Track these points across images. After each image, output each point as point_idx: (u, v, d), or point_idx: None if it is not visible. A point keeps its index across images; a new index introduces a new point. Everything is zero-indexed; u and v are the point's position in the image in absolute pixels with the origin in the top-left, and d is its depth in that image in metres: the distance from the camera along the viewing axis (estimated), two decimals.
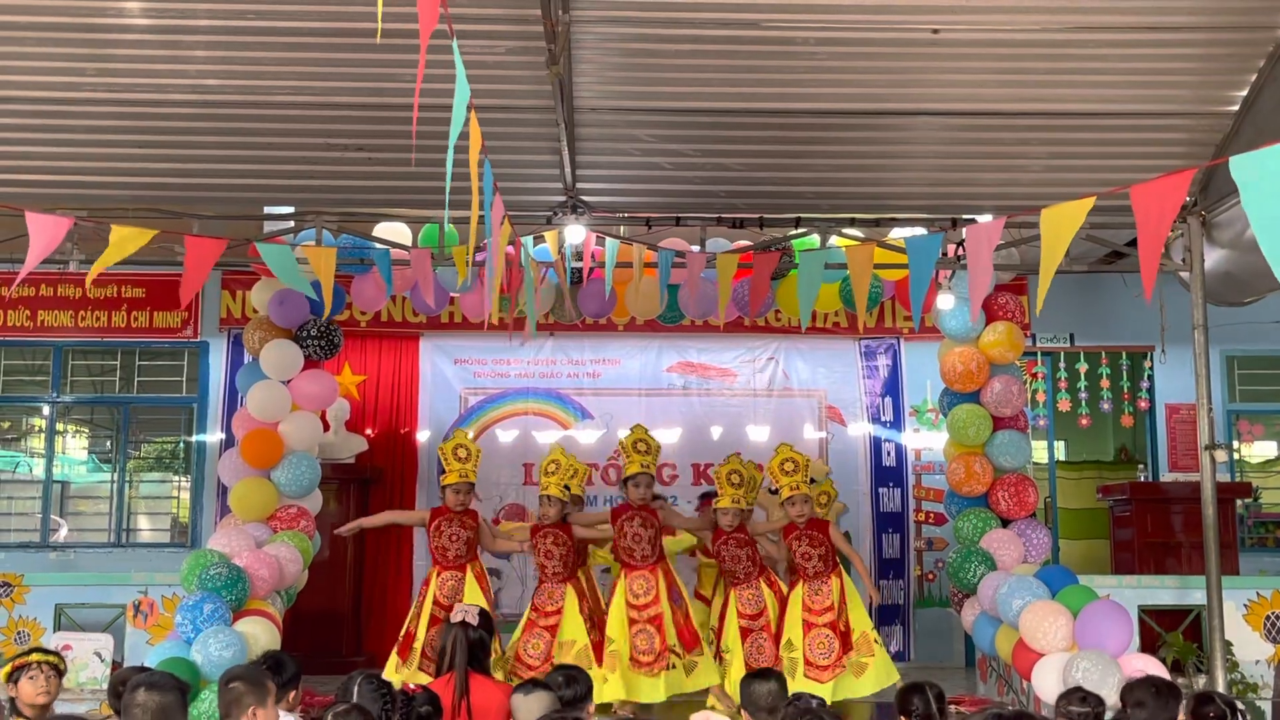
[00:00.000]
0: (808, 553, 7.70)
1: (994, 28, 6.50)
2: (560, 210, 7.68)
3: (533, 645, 7.55)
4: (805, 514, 7.72)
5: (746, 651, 7.64)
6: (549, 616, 7.63)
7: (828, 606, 7.63)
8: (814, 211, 7.91)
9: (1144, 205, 4.30)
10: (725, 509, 7.73)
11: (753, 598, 7.78)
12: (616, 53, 6.68)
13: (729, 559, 7.80)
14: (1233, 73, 6.87)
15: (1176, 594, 8.54)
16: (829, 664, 7.52)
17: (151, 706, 3.62)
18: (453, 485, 7.80)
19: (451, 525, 7.76)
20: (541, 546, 7.74)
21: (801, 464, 7.77)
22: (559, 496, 7.71)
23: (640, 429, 7.96)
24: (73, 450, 12.13)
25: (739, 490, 7.75)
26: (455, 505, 7.81)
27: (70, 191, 7.70)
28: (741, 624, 7.73)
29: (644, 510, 7.71)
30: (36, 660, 5.01)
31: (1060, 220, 4.65)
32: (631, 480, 7.73)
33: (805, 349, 11.17)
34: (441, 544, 7.76)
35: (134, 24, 6.38)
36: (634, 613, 7.54)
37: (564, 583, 7.73)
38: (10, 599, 8.53)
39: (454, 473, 7.80)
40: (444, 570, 7.76)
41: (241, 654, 6.56)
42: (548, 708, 4.21)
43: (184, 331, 11.05)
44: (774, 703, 4.51)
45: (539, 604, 7.71)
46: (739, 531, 7.78)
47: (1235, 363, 11.39)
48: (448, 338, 11.07)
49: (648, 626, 7.52)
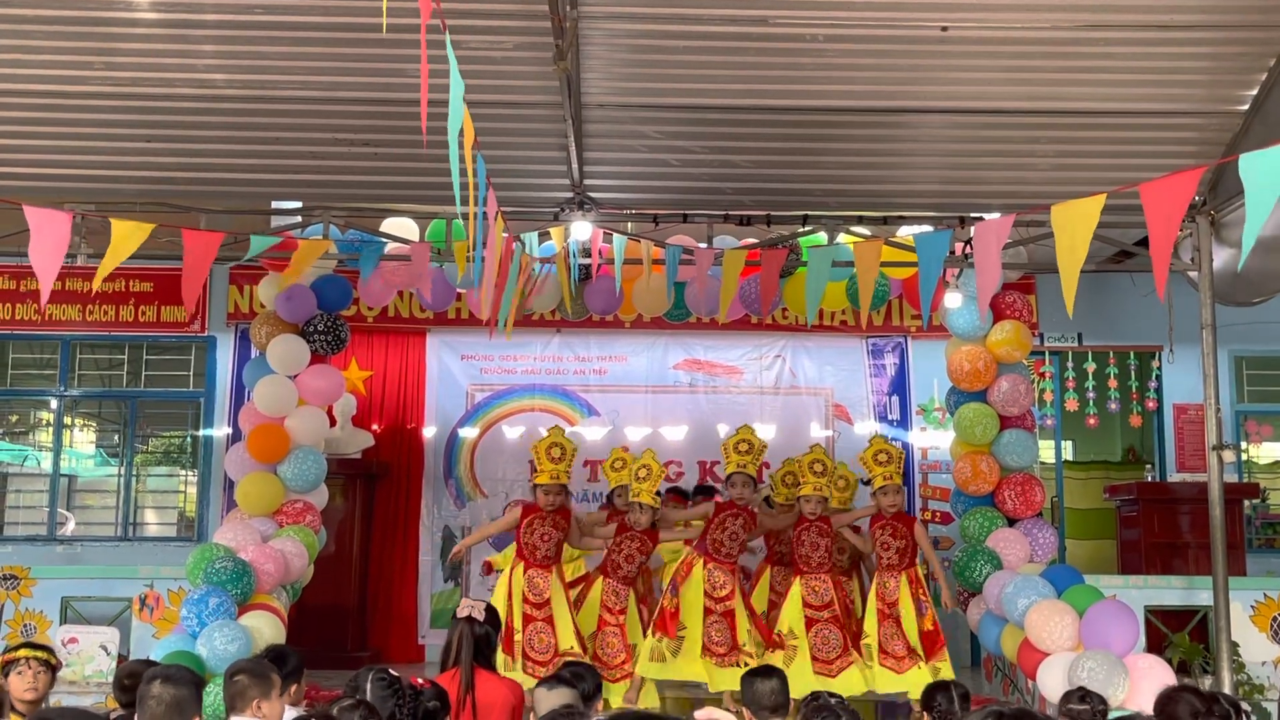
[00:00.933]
0: (888, 543, 7.93)
1: (1003, 25, 6.48)
2: (567, 207, 7.67)
3: (608, 643, 7.68)
4: (897, 504, 7.99)
5: (812, 643, 7.76)
6: (618, 615, 7.77)
7: (894, 600, 7.85)
8: (822, 209, 7.89)
9: (1154, 203, 4.28)
10: (809, 496, 7.91)
11: (820, 589, 7.89)
12: (624, 49, 6.67)
13: (808, 545, 7.94)
14: (1243, 72, 6.84)
15: (1183, 594, 8.52)
16: (903, 655, 7.70)
17: (166, 699, 3.62)
18: (544, 485, 7.71)
19: (545, 524, 7.70)
20: (626, 549, 7.78)
21: (895, 455, 8.04)
22: (650, 504, 7.74)
23: (747, 429, 7.97)
24: (80, 444, 12.16)
25: (822, 478, 7.95)
26: (547, 506, 7.72)
27: (77, 186, 7.70)
28: (807, 614, 7.85)
29: (746, 511, 7.86)
30: (24, 656, 4.98)
31: (1072, 218, 4.62)
32: (728, 480, 7.88)
33: (812, 347, 11.16)
34: (532, 542, 7.69)
35: (141, 18, 6.38)
36: (710, 603, 7.68)
37: (629, 585, 7.86)
38: (17, 592, 8.56)
39: (545, 473, 7.71)
40: (530, 568, 7.67)
41: (246, 648, 6.57)
42: (570, 702, 4.20)
43: (191, 326, 11.06)
44: (776, 701, 4.51)
45: (608, 603, 7.80)
46: (822, 520, 7.97)
47: (1243, 363, 11.36)
48: (455, 333, 11.07)
49: (721, 619, 7.66)
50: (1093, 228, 4.57)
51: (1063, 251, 4.61)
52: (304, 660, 5.18)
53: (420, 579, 10.77)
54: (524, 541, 7.73)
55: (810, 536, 7.94)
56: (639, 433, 10.96)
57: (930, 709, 4.69)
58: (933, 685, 4.85)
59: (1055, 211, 4.66)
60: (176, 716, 3.62)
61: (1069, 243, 4.60)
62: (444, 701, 4.29)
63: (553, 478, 7.71)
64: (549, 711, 3.66)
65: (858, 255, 6.84)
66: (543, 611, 7.57)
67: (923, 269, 6.16)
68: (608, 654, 7.62)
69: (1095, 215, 4.54)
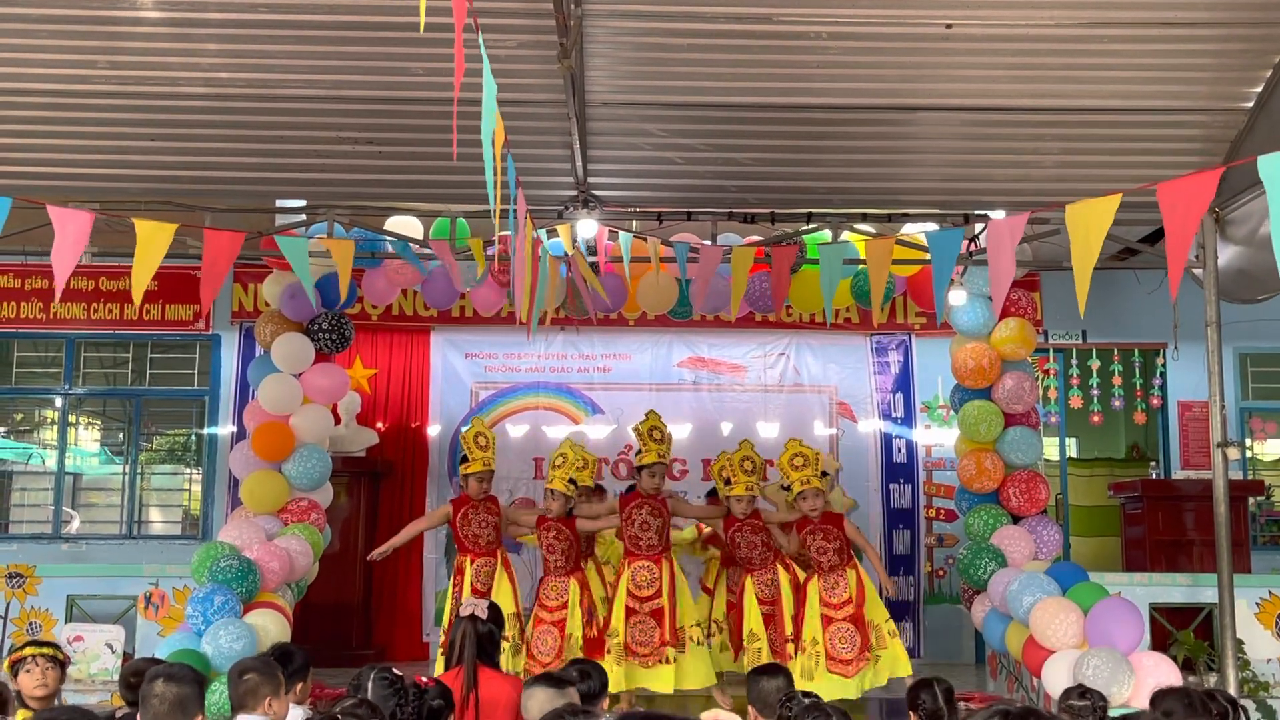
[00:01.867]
0: (823, 546, 7.70)
1: (1007, 23, 6.48)
2: (571, 205, 7.67)
3: (541, 641, 7.58)
4: (818, 508, 7.73)
5: (771, 637, 7.68)
6: (554, 611, 7.66)
7: (845, 600, 7.62)
8: (826, 207, 7.89)
9: (1171, 203, 4.26)
10: (740, 496, 7.75)
11: (770, 582, 7.82)
12: (628, 47, 6.67)
13: (744, 545, 7.82)
14: (1248, 69, 6.83)
15: (1188, 592, 8.51)
16: (852, 658, 7.52)
17: (170, 698, 3.63)
18: (476, 473, 7.85)
19: (479, 513, 7.84)
20: (545, 540, 7.80)
21: (811, 458, 7.79)
22: (563, 491, 7.73)
23: (654, 416, 7.97)
24: (85, 442, 12.17)
25: (752, 477, 7.79)
26: (478, 494, 7.87)
27: (82, 185, 7.71)
28: (763, 610, 7.77)
29: (654, 499, 7.75)
30: (31, 654, 5.01)
31: (1087, 217, 4.61)
32: (647, 469, 7.76)
33: (816, 345, 11.15)
34: (473, 532, 7.81)
35: (146, 17, 6.39)
36: (634, 603, 7.57)
37: (567, 576, 7.75)
38: (22, 590, 8.57)
39: (477, 461, 7.85)
40: (477, 558, 7.80)
41: (252, 646, 6.58)
42: (549, 704, 4.20)
43: (196, 324, 11.07)
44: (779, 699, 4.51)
45: (544, 599, 7.76)
46: (753, 518, 7.81)
47: (1248, 360, 11.35)
48: (459, 331, 11.08)
49: (648, 619, 7.55)
50: (1107, 227, 4.56)
51: (1077, 250, 4.60)
52: (310, 658, 5.18)
53: (425, 577, 10.78)
54: (464, 534, 7.84)
55: (744, 536, 7.80)
56: None
57: (916, 707, 4.63)
58: (917, 684, 4.76)
59: (1070, 210, 4.65)
60: (179, 715, 3.63)
61: (1083, 241, 4.58)
62: (448, 700, 4.29)
63: (484, 465, 7.86)
64: (553, 710, 3.66)
65: (869, 253, 6.88)
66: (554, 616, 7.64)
67: (936, 266, 6.17)
68: (541, 651, 7.52)
69: (1110, 214, 4.53)
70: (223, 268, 6.17)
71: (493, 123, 3.72)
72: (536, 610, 7.74)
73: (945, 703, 4.56)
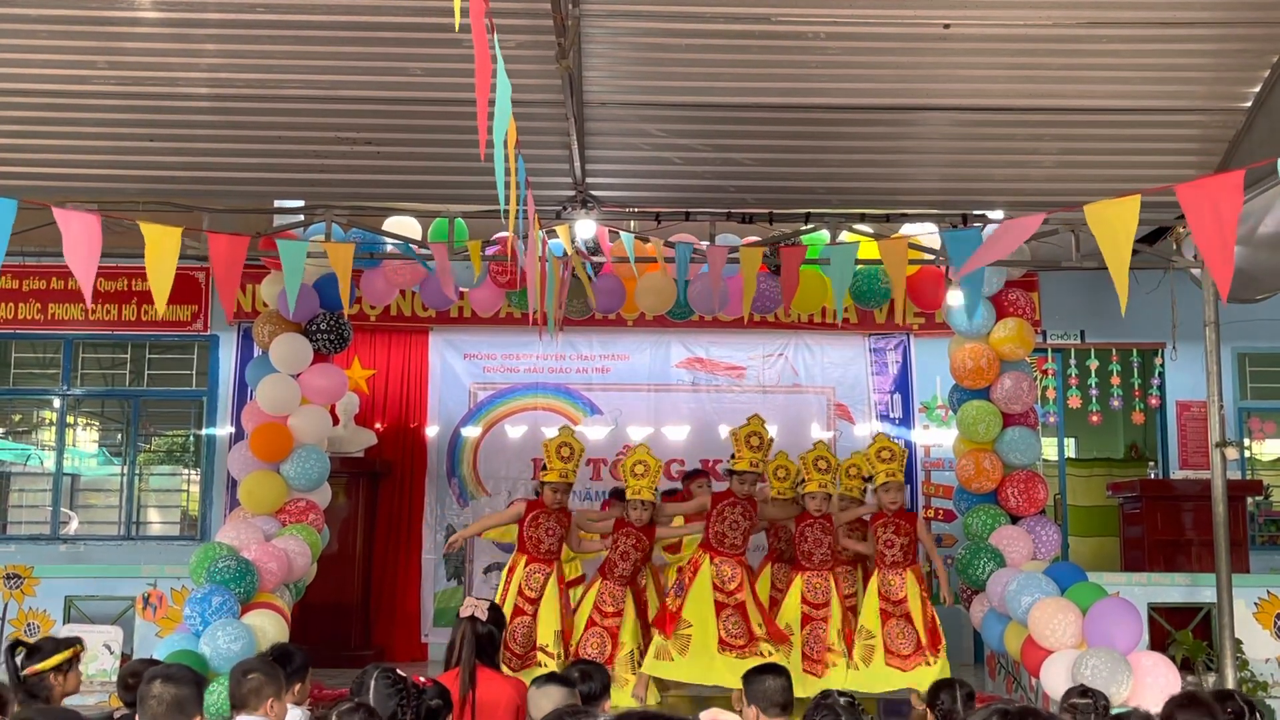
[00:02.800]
0: (891, 540, 7.91)
1: (1006, 23, 6.47)
2: (570, 205, 7.67)
3: (592, 644, 7.62)
4: (898, 501, 8.00)
5: (805, 639, 7.80)
6: (610, 617, 7.71)
7: (902, 598, 7.82)
8: (824, 207, 7.89)
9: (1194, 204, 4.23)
10: (813, 494, 7.94)
11: (821, 586, 7.92)
12: (627, 47, 6.66)
13: (810, 541, 7.96)
14: (1246, 68, 6.82)
15: (1186, 592, 8.52)
16: (910, 653, 7.69)
17: (167, 699, 3.62)
18: (553, 484, 7.87)
19: (550, 519, 7.87)
20: (621, 546, 7.82)
21: (898, 453, 8.03)
22: (650, 500, 7.83)
23: (756, 421, 7.97)
24: (83, 443, 12.17)
25: (826, 475, 7.96)
26: (552, 503, 7.90)
27: (80, 185, 7.70)
28: (804, 610, 7.87)
29: (747, 499, 7.86)
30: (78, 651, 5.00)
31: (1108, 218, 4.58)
32: (739, 476, 7.83)
33: (814, 345, 11.16)
34: (537, 535, 7.83)
35: (144, 17, 6.38)
36: (721, 596, 7.64)
37: (626, 585, 7.82)
38: (20, 591, 8.56)
39: (555, 471, 7.87)
40: (532, 562, 7.81)
41: (250, 647, 6.57)
42: (560, 702, 4.21)
43: (194, 325, 11.07)
44: (784, 698, 4.51)
45: (600, 603, 7.75)
46: (824, 518, 7.99)
47: (1246, 360, 11.36)
48: (457, 332, 11.08)
49: (735, 612, 7.63)
50: (1134, 227, 4.53)
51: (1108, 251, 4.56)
52: (309, 659, 5.18)
53: (423, 577, 10.79)
54: (528, 536, 7.84)
55: (813, 533, 7.98)
56: (641, 431, 10.96)
57: (934, 706, 4.70)
58: (938, 683, 4.85)
59: (1090, 211, 4.62)
60: (177, 715, 3.62)
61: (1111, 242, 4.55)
62: (446, 700, 4.28)
63: (561, 476, 7.86)
64: (553, 710, 3.66)
65: (884, 253, 6.95)
66: (533, 606, 7.70)
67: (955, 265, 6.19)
68: (589, 653, 7.53)
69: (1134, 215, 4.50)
70: (235, 271, 6.18)
71: (506, 122, 3.71)
72: (590, 613, 7.75)
73: (964, 706, 4.59)
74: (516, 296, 8.61)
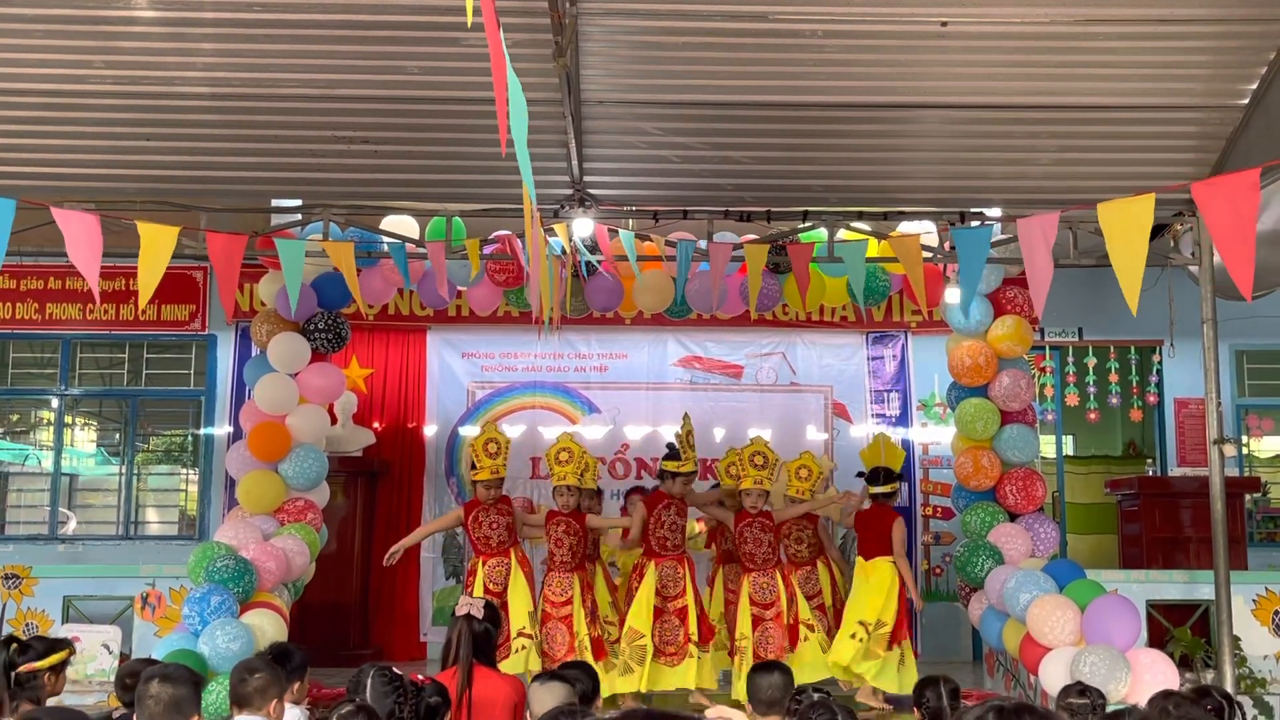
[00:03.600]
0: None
1: (1003, 21, 6.48)
2: (567, 204, 7.67)
3: (552, 638, 7.62)
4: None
5: (755, 640, 7.72)
6: (560, 607, 7.70)
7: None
8: (822, 205, 7.89)
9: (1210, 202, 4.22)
10: (749, 490, 7.87)
11: (767, 585, 7.86)
12: (624, 45, 6.66)
13: (751, 541, 7.90)
14: (1243, 66, 6.83)
15: (1184, 589, 8.52)
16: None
17: (165, 698, 3.62)
18: (484, 481, 7.88)
19: (489, 514, 7.88)
20: (553, 534, 7.83)
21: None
22: (575, 484, 7.83)
23: (688, 421, 8.08)
24: (81, 443, 12.17)
25: (763, 471, 7.89)
26: (486, 499, 7.91)
27: (78, 185, 7.70)
28: (754, 612, 7.82)
29: (681, 500, 7.91)
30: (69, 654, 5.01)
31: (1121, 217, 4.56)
32: (683, 477, 7.87)
33: (812, 343, 11.16)
34: (483, 534, 7.86)
35: (141, 15, 6.37)
36: (660, 603, 7.67)
37: (571, 572, 7.78)
38: (19, 591, 8.55)
39: (485, 469, 7.87)
40: (489, 558, 7.85)
41: (249, 646, 6.57)
42: (562, 698, 4.21)
43: (192, 325, 11.07)
44: (777, 695, 4.51)
45: (549, 594, 7.76)
46: (764, 516, 7.91)
47: (1244, 357, 11.36)
48: (455, 331, 11.08)
49: (673, 618, 7.67)
50: (1148, 225, 4.52)
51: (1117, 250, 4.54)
52: (308, 658, 5.18)
53: (422, 576, 10.79)
54: (475, 536, 7.92)
55: (753, 532, 7.89)
56: (639, 430, 10.97)
57: (920, 705, 4.63)
58: (922, 680, 4.76)
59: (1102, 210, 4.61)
60: (175, 715, 3.62)
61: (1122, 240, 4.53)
62: (445, 698, 4.29)
63: (492, 473, 7.90)
64: (552, 709, 3.66)
65: (898, 250, 7.00)
66: (501, 599, 7.69)
67: (963, 263, 6.19)
68: (553, 648, 7.58)
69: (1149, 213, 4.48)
70: (234, 269, 6.19)
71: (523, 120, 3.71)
72: (544, 606, 7.77)
73: (950, 703, 4.55)
74: (514, 295, 8.60)
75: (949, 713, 4.50)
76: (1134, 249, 4.54)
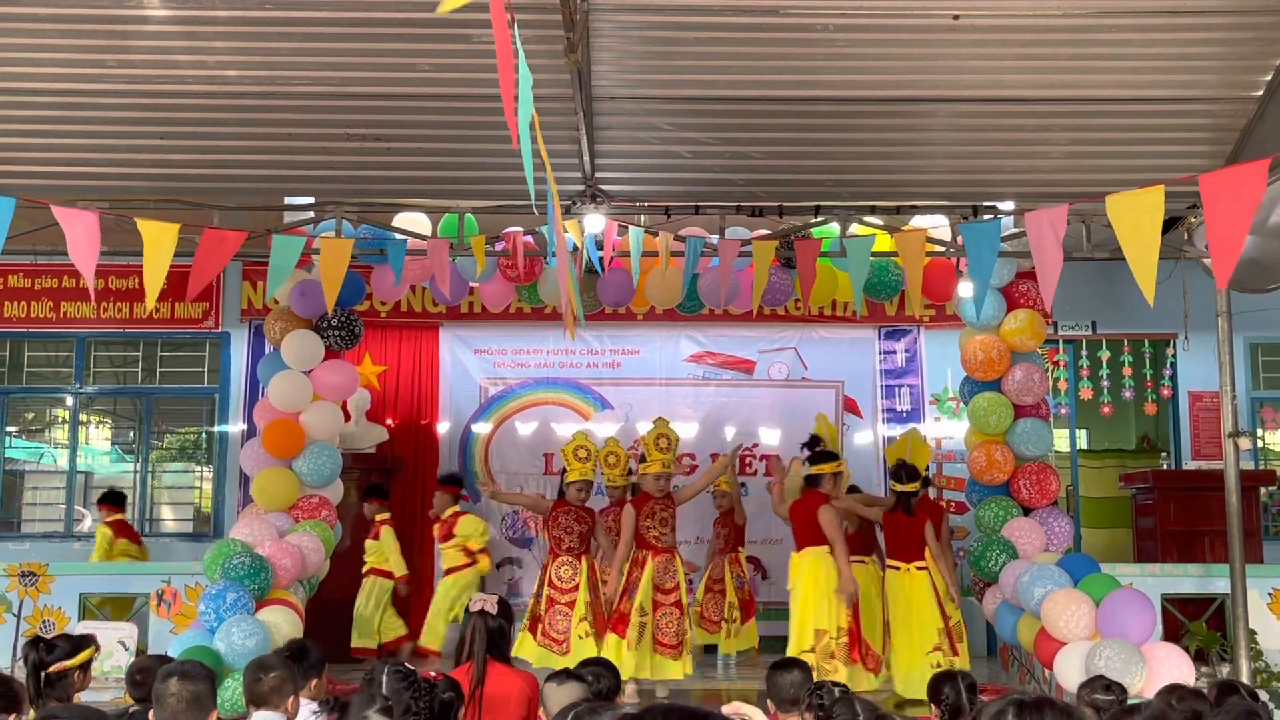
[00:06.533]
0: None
1: (1015, 13, 6.45)
2: (579, 199, 7.67)
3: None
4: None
5: (655, 624, 7.96)
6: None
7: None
8: (833, 199, 7.88)
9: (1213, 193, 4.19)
10: (657, 474, 8.13)
11: (670, 568, 8.09)
12: (635, 41, 6.65)
13: (655, 525, 8.11)
14: (1257, 57, 6.79)
15: (1200, 582, 8.49)
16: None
17: (186, 696, 3.65)
18: (574, 483, 8.22)
19: (568, 518, 8.19)
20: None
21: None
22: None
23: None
24: (96, 441, 12.22)
25: (668, 455, 8.16)
26: (575, 501, 8.24)
27: (90, 184, 7.72)
28: (656, 596, 8.00)
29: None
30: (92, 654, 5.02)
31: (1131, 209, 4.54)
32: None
33: (824, 338, 11.15)
34: (556, 534, 8.19)
35: (153, 15, 6.39)
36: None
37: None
38: (35, 588, 8.60)
39: (575, 471, 8.23)
40: (558, 557, 8.16)
41: (264, 643, 6.59)
42: (577, 697, 4.21)
43: (205, 322, 11.10)
44: (797, 694, 4.49)
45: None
46: (667, 498, 8.18)
47: (1259, 350, 11.32)
48: (468, 328, 11.09)
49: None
50: (1160, 218, 4.49)
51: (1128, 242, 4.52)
52: (324, 655, 5.19)
53: (435, 574, 10.79)
54: (550, 534, 8.23)
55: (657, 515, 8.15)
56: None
57: (938, 700, 4.61)
58: (939, 676, 4.72)
59: (1111, 202, 4.58)
60: (196, 711, 3.65)
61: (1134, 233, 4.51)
62: (458, 693, 4.30)
63: (581, 475, 8.23)
64: (570, 705, 3.66)
65: (901, 245, 6.94)
66: (567, 596, 8.00)
67: (971, 258, 6.18)
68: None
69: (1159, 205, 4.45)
70: (215, 266, 6.22)
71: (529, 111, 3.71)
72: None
73: (968, 698, 4.53)
74: (527, 291, 8.61)
75: (968, 708, 4.49)
76: (1146, 241, 4.51)
